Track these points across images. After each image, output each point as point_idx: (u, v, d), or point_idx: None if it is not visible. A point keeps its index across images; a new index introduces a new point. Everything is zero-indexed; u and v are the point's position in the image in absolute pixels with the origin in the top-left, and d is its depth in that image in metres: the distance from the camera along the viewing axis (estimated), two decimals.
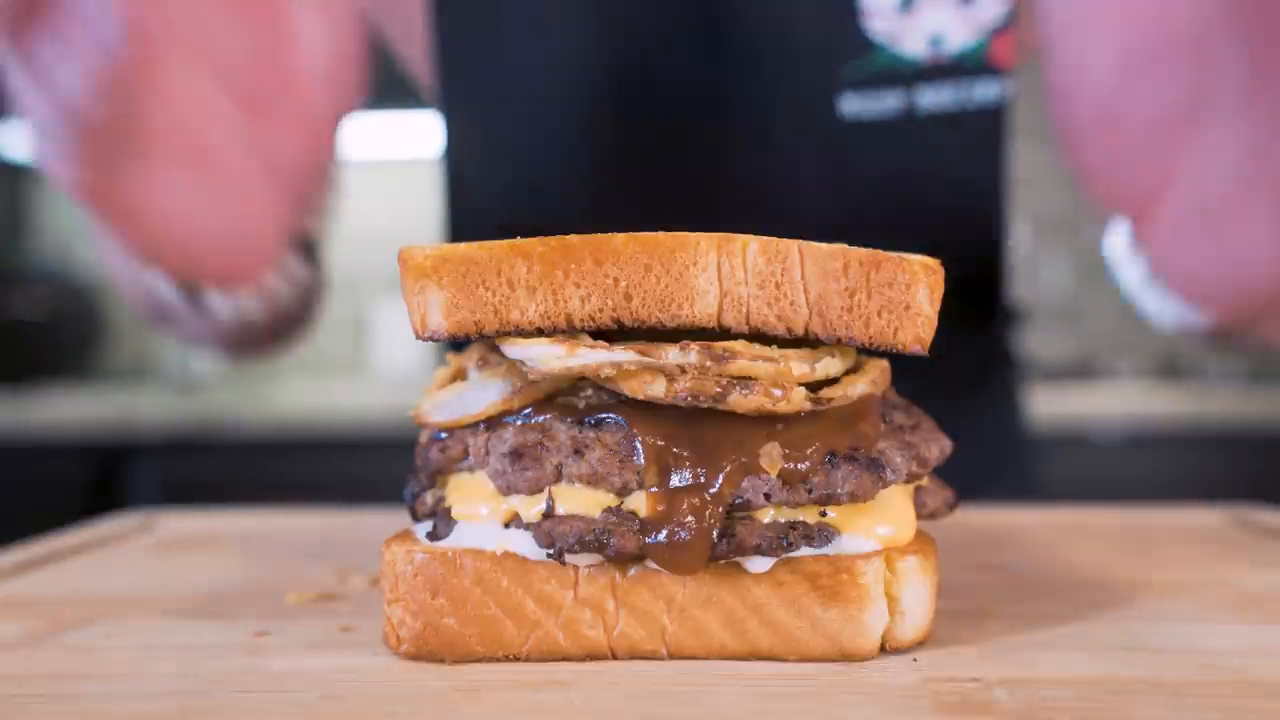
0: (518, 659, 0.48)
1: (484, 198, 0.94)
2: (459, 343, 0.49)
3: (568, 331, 0.47)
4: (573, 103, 0.89)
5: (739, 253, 0.47)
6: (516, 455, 0.48)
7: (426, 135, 0.98)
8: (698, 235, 0.47)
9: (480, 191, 0.94)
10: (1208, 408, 2.38)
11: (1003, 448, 1.08)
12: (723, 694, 0.44)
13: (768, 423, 0.48)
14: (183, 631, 0.54)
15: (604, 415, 0.48)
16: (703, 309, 0.47)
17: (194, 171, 0.67)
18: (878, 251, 0.47)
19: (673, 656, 0.48)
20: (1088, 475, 2.12)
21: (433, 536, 0.51)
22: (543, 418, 0.49)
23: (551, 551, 0.47)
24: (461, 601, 0.48)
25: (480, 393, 0.51)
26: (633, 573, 0.48)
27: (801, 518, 0.48)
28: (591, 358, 0.46)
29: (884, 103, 0.85)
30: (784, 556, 0.48)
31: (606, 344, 0.47)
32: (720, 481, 0.47)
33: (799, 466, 0.47)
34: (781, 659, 0.48)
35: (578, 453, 0.47)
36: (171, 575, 0.67)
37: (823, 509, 0.48)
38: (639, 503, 0.47)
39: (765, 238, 0.47)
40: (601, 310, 0.47)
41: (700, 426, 0.47)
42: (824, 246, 0.47)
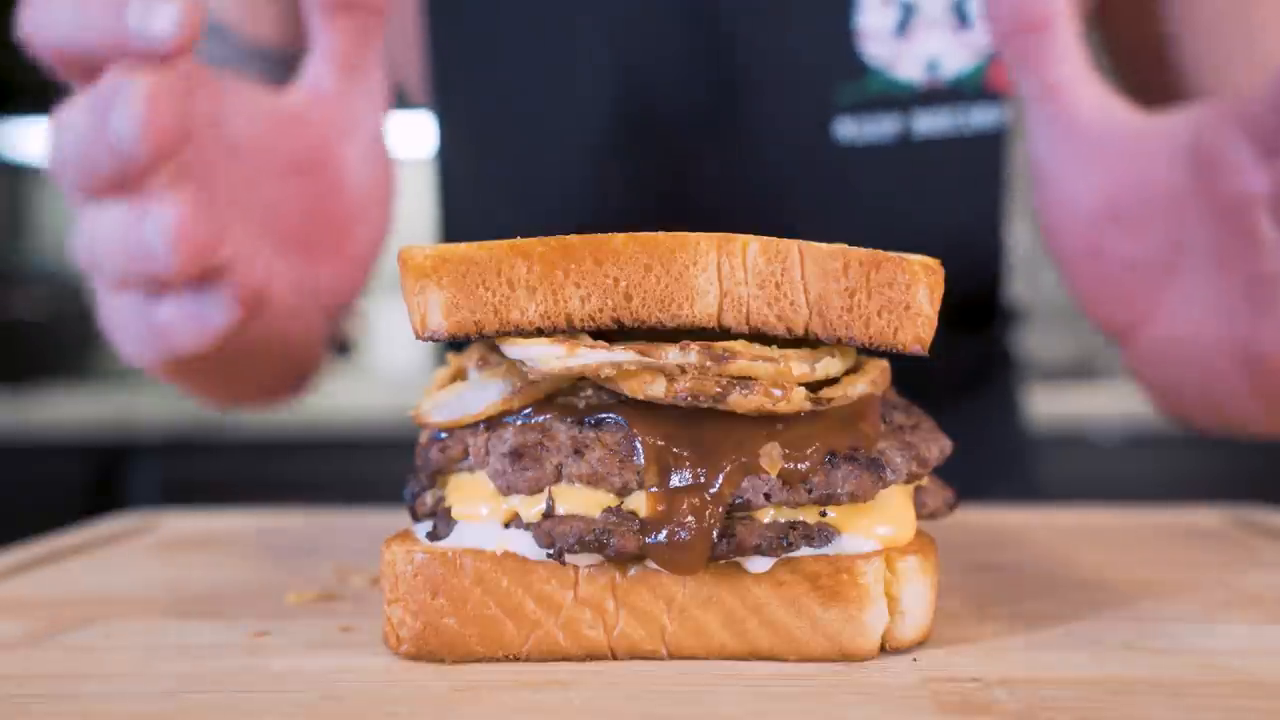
0: (518, 659, 0.48)
1: (476, 212, 0.94)
2: (459, 343, 0.49)
3: (568, 331, 0.47)
4: (566, 122, 0.88)
5: (739, 253, 0.47)
6: (516, 455, 0.48)
7: (424, 135, 0.98)
8: (698, 235, 0.47)
9: (473, 206, 0.94)
10: None
11: (1003, 448, 1.08)
12: (723, 694, 0.44)
13: (768, 423, 0.48)
14: (183, 631, 0.54)
15: (604, 415, 0.48)
16: (703, 309, 0.47)
17: (267, 333, 0.71)
18: (878, 252, 0.47)
19: (673, 656, 0.48)
20: (1088, 475, 2.12)
21: (433, 536, 0.51)
22: (543, 418, 0.49)
23: (551, 551, 0.47)
24: (461, 601, 0.48)
25: (480, 393, 0.51)
26: (633, 573, 0.48)
27: (801, 518, 0.48)
28: (591, 358, 0.46)
29: (880, 127, 0.84)
30: (784, 556, 0.48)
31: (606, 344, 0.47)
32: (720, 481, 0.47)
33: (799, 466, 0.47)
34: (781, 659, 0.48)
35: (578, 453, 0.47)
36: (171, 575, 0.67)
37: (823, 509, 0.48)
38: (639, 503, 0.47)
39: (765, 238, 0.47)
40: (601, 310, 0.47)
41: (700, 426, 0.47)
42: (824, 246, 0.47)
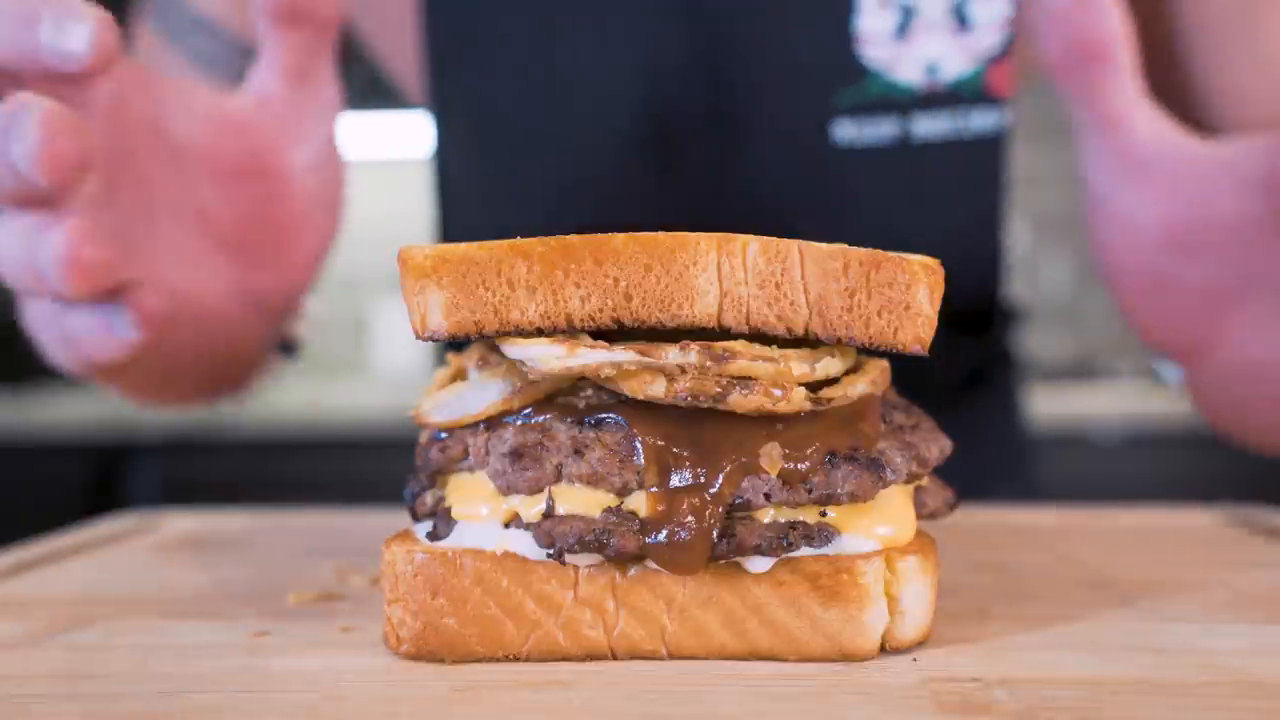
0: (518, 659, 0.48)
1: (474, 212, 0.94)
2: (459, 343, 0.49)
3: (568, 331, 0.47)
4: (564, 122, 0.88)
5: (739, 253, 0.47)
6: (516, 455, 0.48)
7: (424, 135, 0.97)
8: (698, 235, 0.47)
9: (471, 206, 0.94)
10: None
11: (1003, 448, 1.08)
12: (723, 694, 0.44)
13: (768, 423, 0.48)
14: (183, 631, 0.54)
15: (604, 415, 0.48)
16: (703, 309, 0.47)
17: (196, 333, 0.69)
18: (878, 252, 0.47)
19: (673, 656, 0.48)
20: (1088, 475, 2.12)
21: (433, 536, 0.51)
22: (543, 418, 0.49)
23: (551, 551, 0.47)
24: (461, 601, 0.48)
25: (480, 393, 0.51)
26: (633, 573, 0.48)
27: (801, 518, 0.48)
28: (591, 358, 0.46)
29: (879, 130, 0.84)
30: (784, 556, 0.48)
31: (606, 344, 0.47)
32: (720, 481, 0.47)
33: (799, 466, 0.47)
34: (781, 659, 0.48)
35: (578, 453, 0.47)
36: (171, 575, 0.67)
37: (823, 509, 0.48)
38: (639, 503, 0.47)
39: (765, 238, 0.47)
40: (601, 310, 0.47)
41: (700, 426, 0.47)
42: (824, 246, 0.47)
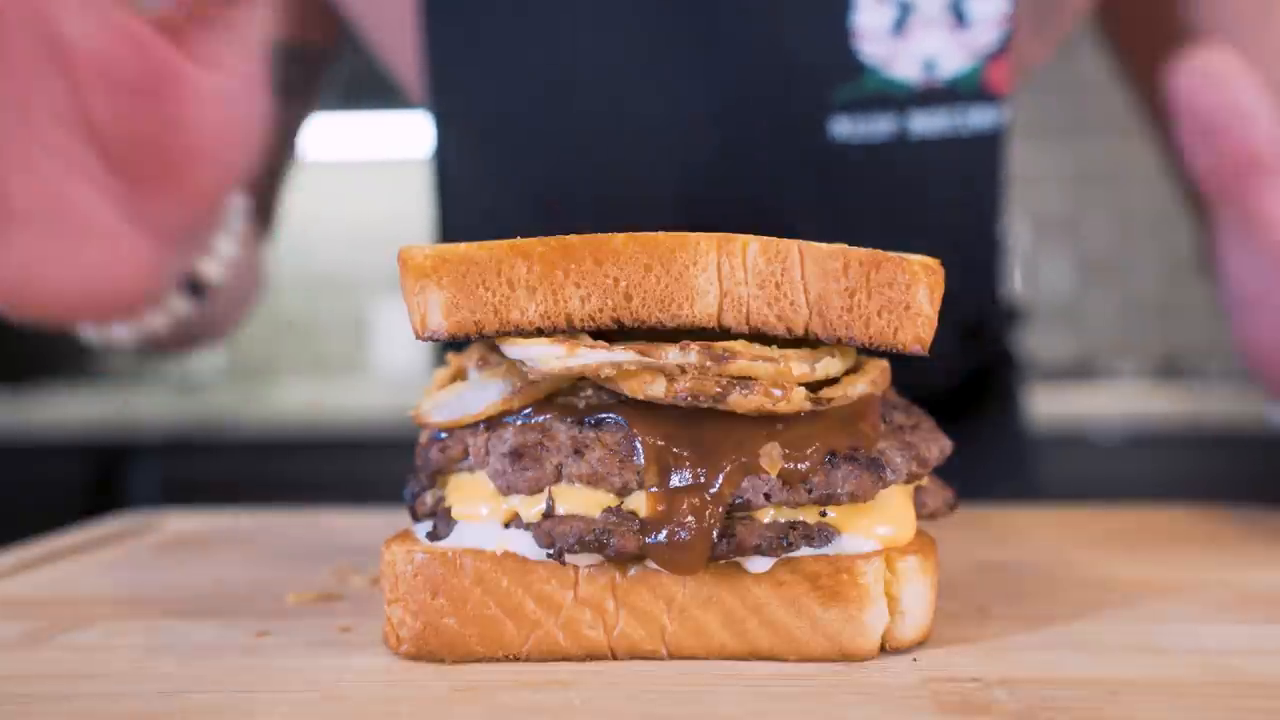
0: (518, 659, 0.48)
1: (474, 212, 0.94)
2: (459, 343, 0.49)
3: (568, 331, 0.47)
4: (563, 120, 0.88)
5: (739, 253, 0.47)
6: (516, 455, 0.48)
7: (425, 135, 0.97)
8: (698, 235, 0.47)
9: (471, 206, 0.94)
10: (1208, 408, 2.38)
11: (1003, 448, 1.08)
12: (723, 694, 0.44)
13: (768, 423, 0.48)
14: (183, 631, 0.54)
15: (604, 415, 0.48)
16: (703, 309, 0.47)
17: (53, 234, 0.65)
18: (877, 251, 0.47)
19: (673, 656, 0.48)
20: (1088, 475, 2.12)
21: (433, 536, 0.51)
22: (543, 418, 0.49)
23: (551, 551, 0.47)
24: (461, 601, 0.48)
25: (480, 393, 0.51)
26: (633, 573, 0.48)
27: (801, 518, 0.48)
28: (591, 358, 0.46)
29: (876, 126, 0.84)
30: (784, 556, 0.48)
31: (606, 344, 0.47)
32: (720, 481, 0.47)
33: (799, 466, 0.47)
34: (781, 659, 0.48)
35: (578, 453, 0.47)
36: (171, 575, 0.67)
37: (823, 509, 0.48)
38: (639, 503, 0.47)
39: (765, 238, 0.47)
40: (601, 310, 0.47)
41: (700, 426, 0.47)
42: (824, 246, 0.47)
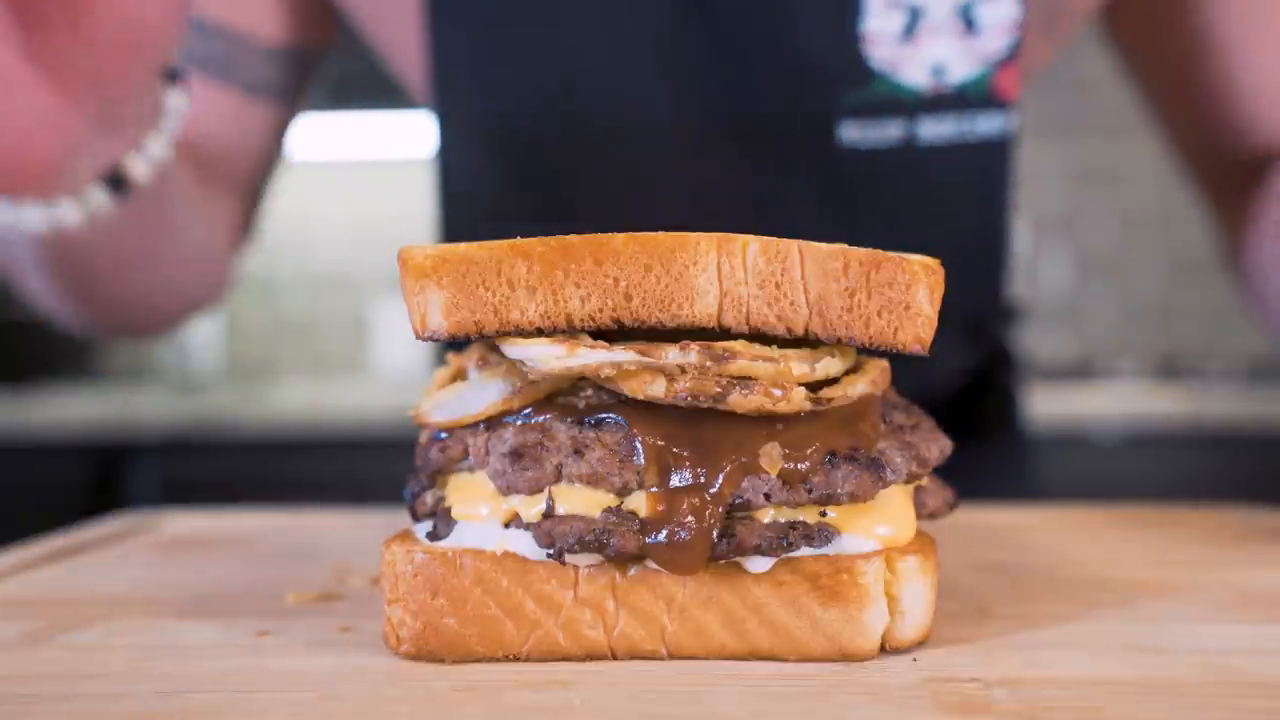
0: (518, 659, 0.48)
1: (477, 212, 0.94)
2: (459, 343, 0.49)
3: (568, 331, 0.47)
4: (569, 122, 0.88)
5: (739, 253, 0.47)
6: (516, 455, 0.48)
7: (426, 135, 0.97)
8: (698, 235, 0.47)
9: (474, 206, 0.94)
10: (1208, 408, 2.38)
11: (1003, 448, 1.08)
12: (723, 694, 0.44)
13: (768, 423, 0.48)
14: (183, 631, 0.54)
15: (604, 415, 0.48)
16: (703, 309, 0.47)
17: None
18: (877, 252, 0.47)
19: (673, 656, 0.48)
20: (1088, 475, 2.12)
21: (433, 536, 0.51)
22: (543, 418, 0.49)
23: (551, 551, 0.47)
24: (461, 601, 0.48)
25: (480, 393, 0.51)
26: (633, 573, 0.48)
27: (801, 518, 0.48)
28: (591, 358, 0.46)
29: (884, 131, 0.84)
30: (784, 556, 0.48)
31: (606, 344, 0.47)
32: (720, 481, 0.47)
33: (799, 466, 0.47)
34: (781, 659, 0.48)
35: (578, 453, 0.47)
36: (171, 575, 0.67)
37: (823, 509, 0.48)
38: (639, 503, 0.47)
39: (765, 238, 0.47)
40: (601, 310, 0.47)
41: (700, 426, 0.47)
42: (824, 246, 0.47)
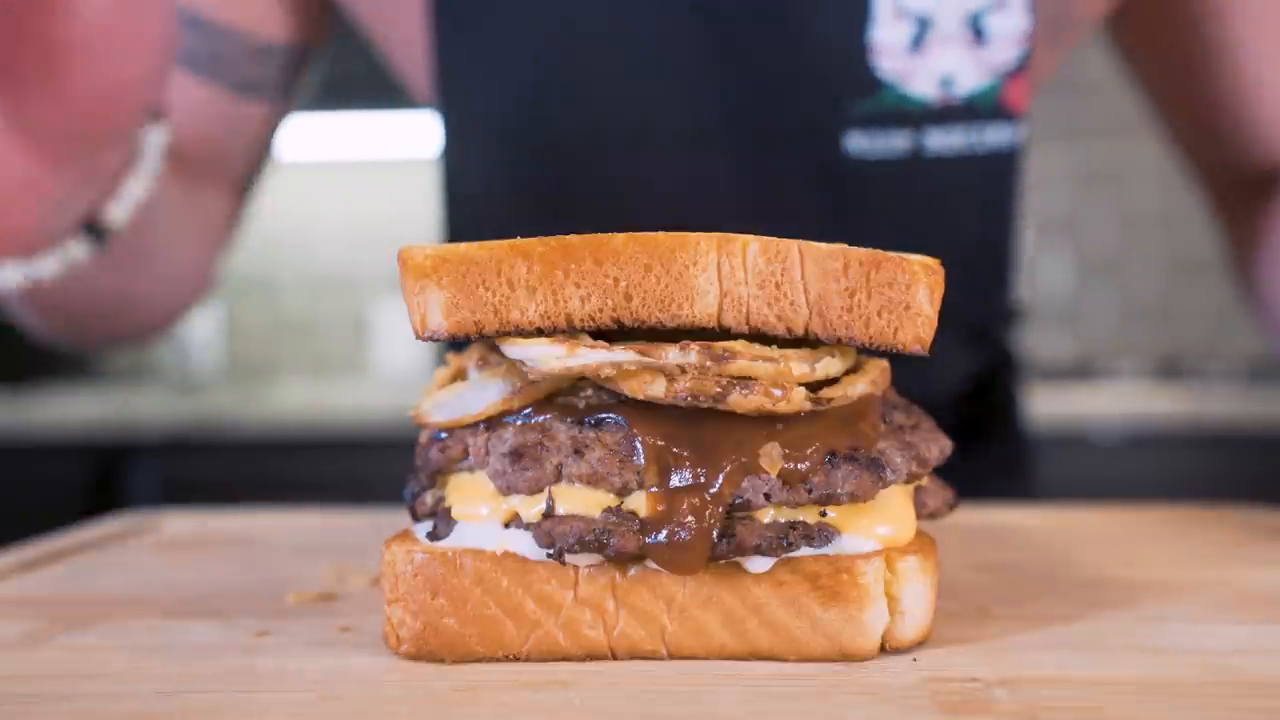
0: (518, 659, 0.48)
1: (479, 212, 0.94)
2: (459, 343, 0.49)
3: (568, 331, 0.47)
4: (574, 126, 0.88)
5: (739, 253, 0.47)
6: (516, 455, 0.48)
7: (426, 135, 0.97)
8: (698, 235, 0.47)
9: (477, 206, 0.94)
10: (1208, 408, 2.38)
11: (1003, 448, 1.08)
12: (723, 694, 0.44)
13: (768, 423, 0.48)
14: (183, 631, 0.54)
15: (604, 415, 0.48)
16: (703, 309, 0.47)
17: None
18: (878, 251, 0.47)
19: (673, 656, 0.48)
20: (1088, 475, 2.12)
21: (433, 536, 0.51)
22: (543, 418, 0.49)
23: (551, 551, 0.47)
24: (461, 601, 0.48)
25: (480, 393, 0.51)
26: (633, 573, 0.48)
27: (801, 518, 0.48)
28: (591, 358, 0.46)
29: (891, 142, 0.83)
30: (784, 556, 0.48)
31: (606, 344, 0.47)
32: (720, 481, 0.47)
33: (799, 466, 0.47)
34: (781, 659, 0.48)
35: (578, 453, 0.47)
36: (171, 575, 0.67)
37: (823, 509, 0.48)
38: (639, 503, 0.47)
39: (765, 238, 0.47)
40: (601, 310, 0.47)
41: (700, 426, 0.47)
42: (824, 246, 0.47)
